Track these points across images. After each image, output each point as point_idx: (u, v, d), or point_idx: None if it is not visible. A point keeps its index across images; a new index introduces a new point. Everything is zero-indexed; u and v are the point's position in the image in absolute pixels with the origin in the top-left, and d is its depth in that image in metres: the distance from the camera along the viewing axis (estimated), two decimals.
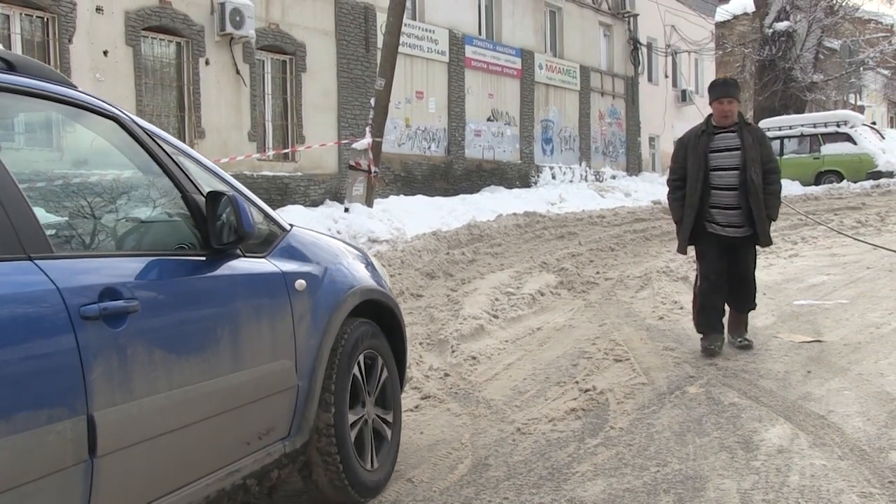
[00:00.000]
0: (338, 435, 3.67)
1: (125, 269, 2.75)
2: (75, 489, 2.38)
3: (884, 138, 25.69)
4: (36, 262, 2.41)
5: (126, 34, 14.14)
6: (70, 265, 2.55)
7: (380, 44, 16.68)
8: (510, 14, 23.72)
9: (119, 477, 2.54)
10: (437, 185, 20.32)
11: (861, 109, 42.62)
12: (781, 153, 23.54)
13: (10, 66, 2.71)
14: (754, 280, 6.39)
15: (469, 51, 21.97)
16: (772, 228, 6.32)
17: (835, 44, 34.22)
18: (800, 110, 30.41)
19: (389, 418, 4.20)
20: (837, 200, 18.87)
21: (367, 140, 14.93)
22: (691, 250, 6.45)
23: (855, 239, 11.17)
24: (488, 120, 22.81)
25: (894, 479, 3.71)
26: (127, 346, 2.58)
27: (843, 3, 33.20)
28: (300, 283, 3.57)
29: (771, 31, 31.36)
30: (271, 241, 3.59)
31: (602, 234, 13.98)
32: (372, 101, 15.32)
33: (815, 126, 24.07)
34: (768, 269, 9.83)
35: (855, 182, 22.32)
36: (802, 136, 23.90)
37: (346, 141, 17.07)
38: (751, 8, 35.60)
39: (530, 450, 4.45)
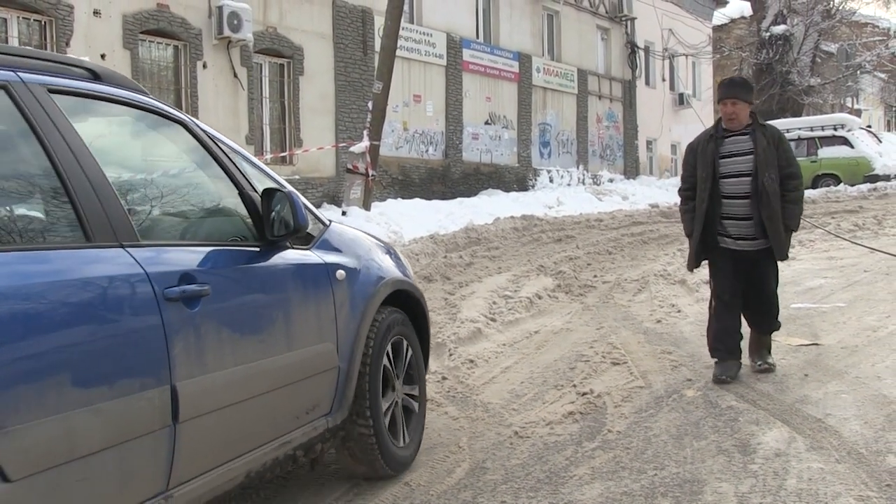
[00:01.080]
0: (373, 414, 4.02)
1: (196, 257, 3.08)
2: (161, 451, 2.71)
3: (881, 142, 25.75)
4: (127, 249, 2.74)
5: (124, 37, 14.16)
6: (153, 253, 2.88)
7: (377, 47, 16.72)
8: (508, 17, 23.76)
9: (196, 442, 2.86)
10: (435, 188, 20.34)
11: (858, 113, 42.66)
12: None
13: (96, 76, 3.10)
14: (776, 297, 5.74)
15: (467, 54, 22.00)
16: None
17: (832, 47, 34.28)
18: (797, 114, 30.45)
19: (415, 392, 4.56)
20: (835, 204, 18.90)
21: (364, 143, 14.95)
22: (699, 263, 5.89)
23: (852, 242, 11.18)
24: (486, 123, 22.84)
25: (891, 482, 3.71)
26: (201, 325, 2.92)
27: (840, 7, 33.25)
28: (340, 274, 3.91)
29: (768, 34, 31.40)
30: (314, 234, 3.91)
31: (599, 237, 14.00)
32: (369, 105, 15.35)
33: (812, 129, 24.12)
34: None
35: (852, 185, 22.37)
36: (800, 139, 23.91)
37: (343, 144, 17.09)
38: (748, 11, 35.66)
39: (528, 453, 4.45)
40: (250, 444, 3.23)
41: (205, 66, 15.35)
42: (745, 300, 5.68)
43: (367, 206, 14.79)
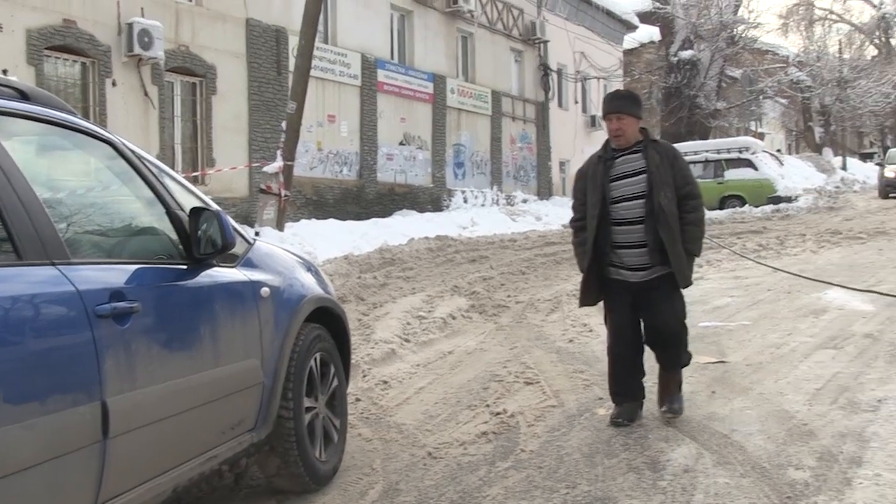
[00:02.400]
0: (296, 428, 4.08)
1: (125, 274, 3.11)
2: (92, 466, 2.73)
3: (783, 164, 26.64)
4: (58, 266, 2.77)
5: (28, 53, 13.77)
6: (84, 270, 2.89)
7: (292, 67, 16.63)
8: (422, 39, 23.89)
9: (125, 457, 2.89)
10: (349, 208, 20.27)
11: (761, 136, 44.08)
12: None
13: (24, 96, 3.12)
14: (683, 329, 5.13)
15: (381, 75, 22.03)
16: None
17: (736, 73, 35.38)
18: (704, 136, 31.35)
19: (338, 424, 4.63)
20: (740, 224, 19.45)
21: (278, 163, 14.84)
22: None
23: (756, 262, 11.51)
24: (400, 144, 22.87)
25: (792, 494, 3.82)
26: (131, 341, 2.95)
27: (743, 34, 34.38)
28: (265, 291, 3.99)
29: (676, 59, 32.32)
30: (239, 253, 3.96)
31: (513, 257, 14.12)
32: (283, 125, 15.25)
33: (718, 152, 24.81)
34: None
35: (756, 206, 23.05)
36: (707, 161, 24.57)
37: (257, 164, 16.93)
38: (657, 37, 36.64)
39: (441, 474, 4.44)
40: (178, 458, 3.27)
41: (114, 83, 15.04)
42: (650, 336, 5.14)
43: (280, 227, 14.66)
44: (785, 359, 6.44)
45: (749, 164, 24.24)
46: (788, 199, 23.71)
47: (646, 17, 36.24)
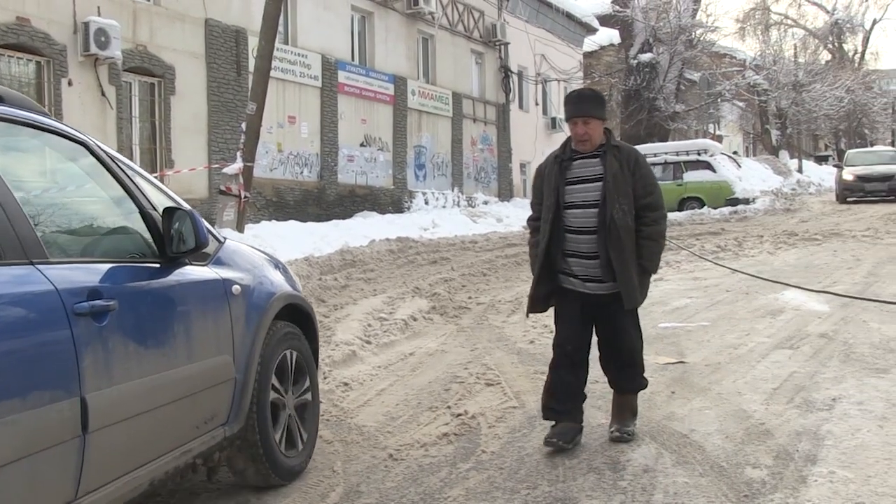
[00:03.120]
0: (260, 424, 4.15)
1: (101, 273, 3.18)
2: (71, 460, 2.81)
3: (740, 167, 26.94)
4: (37, 266, 2.85)
5: None
6: (62, 269, 2.97)
7: (251, 68, 16.51)
8: (383, 40, 23.85)
9: (104, 451, 2.97)
10: (310, 210, 20.18)
11: (720, 139, 44.57)
12: None
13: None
14: (638, 350, 4.80)
15: (342, 76, 21.96)
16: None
17: (695, 76, 35.73)
18: (663, 138, 31.62)
19: (307, 401, 4.72)
20: (699, 226, 19.66)
21: (238, 165, 14.71)
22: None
23: (715, 263, 11.63)
24: (361, 145, 22.81)
25: (749, 493, 3.87)
26: (108, 339, 3.03)
27: (701, 38, 34.74)
28: (236, 289, 4.09)
29: (636, 62, 32.56)
30: (209, 251, 4.03)
31: (474, 259, 14.14)
32: (243, 126, 15.11)
33: (677, 154, 25.02)
34: None
35: (715, 208, 23.29)
36: (666, 163, 24.76)
37: (216, 165, 16.79)
38: (617, 39, 36.89)
39: (402, 476, 4.44)
40: (154, 452, 3.36)
41: (70, 83, 14.84)
42: (605, 353, 4.83)
43: (240, 229, 14.54)
44: (743, 359, 6.52)
45: (707, 166, 24.49)
46: (746, 201, 24.00)
47: (605, 20, 36.49)
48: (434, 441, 4.97)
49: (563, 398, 4.72)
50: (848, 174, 26.48)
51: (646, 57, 32.41)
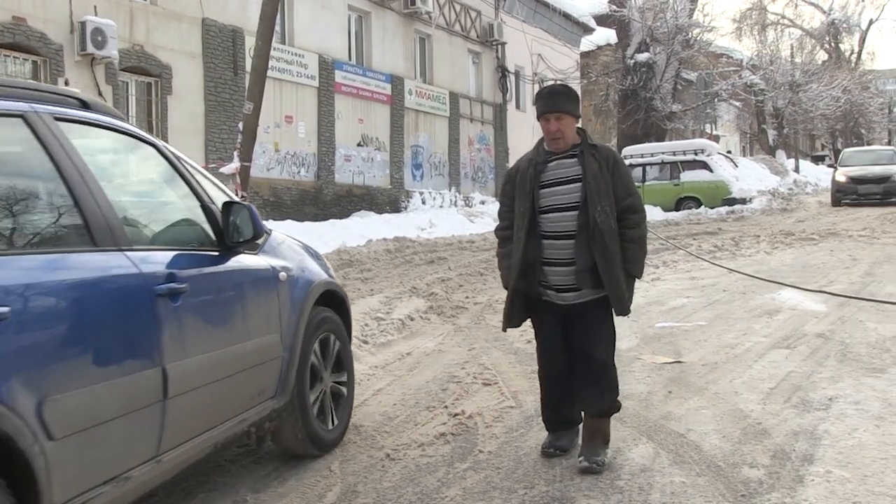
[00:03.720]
0: (301, 400, 4.57)
1: (174, 259, 3.62)
2: (154, 422, 3.27)
3: (737, 166, 26.93)
4: (125, 252, 3.30)
5: None
6: (143, 256, 3.41)
7: (248, 67, 16.50)
8: (380, 40, 23.85)
9: (179, 416, 3.44)
10: (307, 210, 20.17)
11: (716, 139, 44.62)
12: (644, 180, 24.35)
13: (86, 105, 3.68)
14: (611, 365, 4.48)
15: (339, 76, 21.96)
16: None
17: (691, 76, 35.73)
18: (660, 138, 31.61)
19: (344, 379, 5.15)
20: (696, 226, 19.67)
21: (234, 164, 14.70)
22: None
23: (712, 263, 11.64)
24: (358, 145, 22.81)
25: (746, 492, 3.88)
26: (181, 317, 3.48)
27: (698, 38, 34.76)
28: (283, 275, 4.51)
29: (632, 61, 32.57)
30: (259, 241, 4.42)
31: (471, 258, 14.14)
32: (240, 126, 15.10)
33: (674, 154, 25.00)
34: None
35: (712, 208, 23.31)
36: (663, 163, 24.78)
37: (213, 165, 16.76)
38: (614, 39, 36.88)
39: (400, 475, 4.44)
40: (219, 419, 3.82)
41: (67, 83, 14.81)
42: (574, 368, 4.52)
43: None
44: (740, 359, 6.52)
45: (704, 166, 24.49)
46: (743, 201, 24.01)
47: (602, 20, 36.48)
48: (431, 441, 4.97)
49: (559, 409, 4.62)
50: (841, 175, 25.15)
51: (642, 57, 32.40)
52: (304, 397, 4.61)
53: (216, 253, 4.03)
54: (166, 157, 4.08)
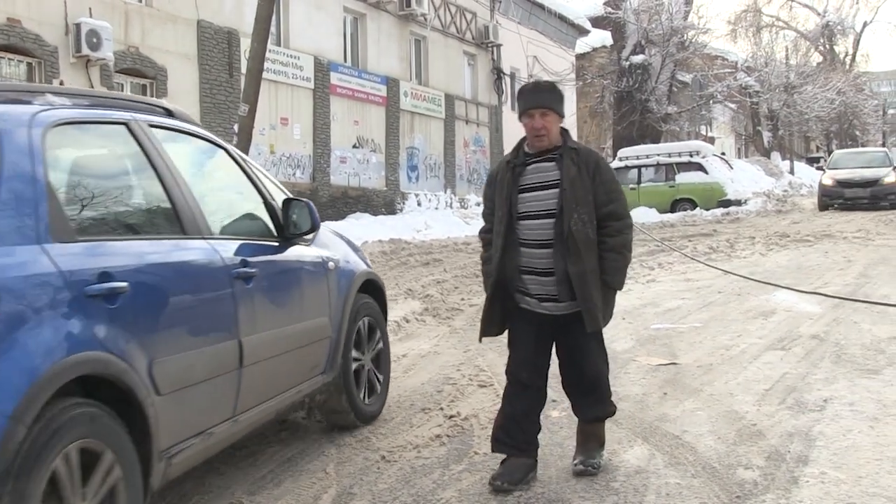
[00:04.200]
0: (345, 376, 5.10)
1: (245, 247, 4.21)
2: (232, 387, 3.86)
3: (732, 168, 26.96)
4: (208, 240, 3.90)
5: None
6: (221, 243, 3.99)
7: (244, 69, 16.50)
8: (375, 42, 23.86)
9: (251, 383, 4.00)
10: None
11: (712, 140, 44.70)
12: (639, 182, 24.38)
13: (170, 114, 4.31)
14: (604, 375, 4.34)
15: (334, 78, 21.96)
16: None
17: (687, 78, 35.80)
18: (656, 140, 31.66)
19: (381, 377, 5.66)
20: (691, 227, 19.69)
21: None
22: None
23: (707, 265, 11.65)
24: (354, 147, 22.81)
25: (741, 493, 3.88)
26: (252, 297, 4.07)
27: (693, 40, 34.82)
28: (331, 265, 5.05)
29: (628, 63, 32.63)
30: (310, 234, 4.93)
31: (467, 260, 14.14)
32: (235, 128, 15.11)
33: (669, 156, 25.01)
34: (627, 294, 10.13)
35: (707, 210, 23.32)
36: (659, 165, 24.79)
37: None
38: (609, 41, 36.95)
39: (395, 477, 4.44)
40: (281, 388, 4.40)
41: (62, 84, 14.77)
42: (568, 378, 4.37)
43: None
44: (735, 360, 6.53)
45: (700, 167, 24.50)
46: (738, 203, 24.05)
47: (598, 22, 36.56)
48: (427, 443, 4.97)
49: (514, 430, 4.24)
50: (828, 178, 24.12)
51: (638, 58, 32.47)
52: (349, 374, 5.13)
53: (276, 243, 4.58)
54: (234, 159, 4.70)
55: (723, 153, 36.87)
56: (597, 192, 4.12)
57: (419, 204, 24.82)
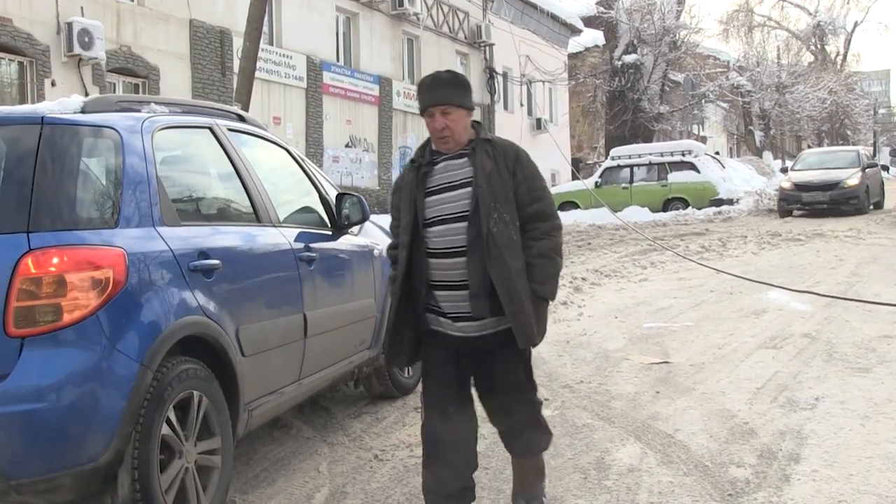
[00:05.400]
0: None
1: (305, 234, 4.85)
2: (298, 354, 4.54)
3: (724, 167, 26.95)
4: (278, 228, 4.59)
5: None
6: (287, 231, 4.67)
7: (236, 69, 16.46)
8: (368, 41, 23.84)
9: (313, 352, 4.66)
10: None
11: (704, 140, 44.76)
12: (632, 181, 24.39)
13: (242, 119, 5.06)
14: (534, 403, 3.71)
15: (327, 77, 21.93)
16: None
17: (679, 77, 35.83)
18: (648, 139, 31.66)
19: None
20: (684, 226, 19.71)
21: None
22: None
23: (699, 264, 11.67)
24: (346, 146, 22.79)
25: (733, 492, 3.90)
26: (314, 278, 4.74)
27: (685, 39, 34.87)
28: (377, 252, 5.60)
29: (620, 63, 32.64)
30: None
31: None
32: None
33: (662, 155, 24.97)
34: (619, 293, 10.17)
35: (699, 209, 23.32)
36: (651, 164, 24.75)
37: None
38: (601, 41, 36.96)
39: (388, 476, 4.45)
40: (337, 358, 5.06)
41: (53, 83, 14.77)
42: (491, 415, 3.75)
43: None
44: (727, 359, 6.55)
45: (692, 167, 24.48)
46: (730, 202, 24.03)
47: (590, 22, 36.55)
48: (419, 441, 4.94)
49: (447, 478, 3.59)
50: (786, 181, 22.08)
51: (630, 58, 32.47)
52: None
53: (330, 232, 5.19)
54: (294, 158, 5.36)
55: (716, 152, 36.92)
56: (518, 189, 3.53)
57: None
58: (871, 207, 22.13)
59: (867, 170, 21.91)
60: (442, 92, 3.55)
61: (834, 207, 20.74)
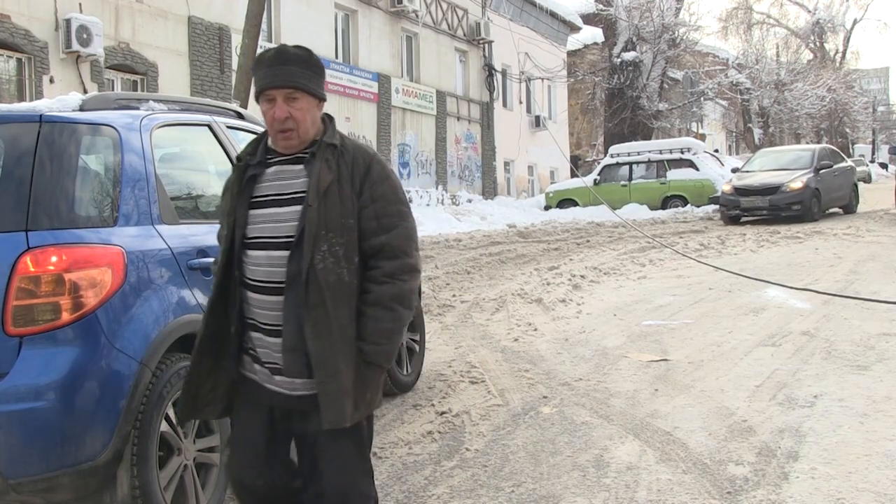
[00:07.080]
0: None
1: None
2: None
3: (723, 165, 26.94)
4: None
5: None
6: None
7: (235, 65, 16.46)
8: (367, 38, 23.83)
9: None
10: None
11: (703, 137, 44.76)
12: (630, 178, 24.40)
13: (240, 116, 5.05)
14: (361, 494, 2.80)
15: (326, 74, 21.87)
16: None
17: (678, 75, 35.84)
18: (647, 137, 31.70)
19: (417, 338, 6.25)
20: (683, 224, 19.70)
21: None
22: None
23: (698, 261, 11.67)
24: None
25: (732, 489, 3.90)
26: None
27: (685, 37, 34.88)
28: None
29: (619, 60, 32.66)
30: None
31: (458, 257, 14.14)
32: None
33: (661, 152, 24.98)
34: (618, 290, 10.16)
35: (698, 206, 23.33)
36: (650, 161, 24.76)
37: None
38: (600, 38, 36.97)
39: (386, 474, 4.44)
40: None
41: (52, 80, 14.77)
42: (305, 492, 2.84)
43: None
44: (726, 356, 6.55)
45: (691, 164, 24.49)
46: None
47: (589, 19, 36.56)
48: (418, 439, 4.97)
49: None
50: (728, 184, 19.86)
51: (629, 55, 32.49)
52: None
53: None
54: None
55: (716, 150, 36.93)
56: (363, 213, 2.72)
57: (410, 200, 24.64)
58: (823, 213, 19.46)
59: (821, 171, 19.27)
60: (288, 71, 2.74)
61: (773, 213, 18.60)
